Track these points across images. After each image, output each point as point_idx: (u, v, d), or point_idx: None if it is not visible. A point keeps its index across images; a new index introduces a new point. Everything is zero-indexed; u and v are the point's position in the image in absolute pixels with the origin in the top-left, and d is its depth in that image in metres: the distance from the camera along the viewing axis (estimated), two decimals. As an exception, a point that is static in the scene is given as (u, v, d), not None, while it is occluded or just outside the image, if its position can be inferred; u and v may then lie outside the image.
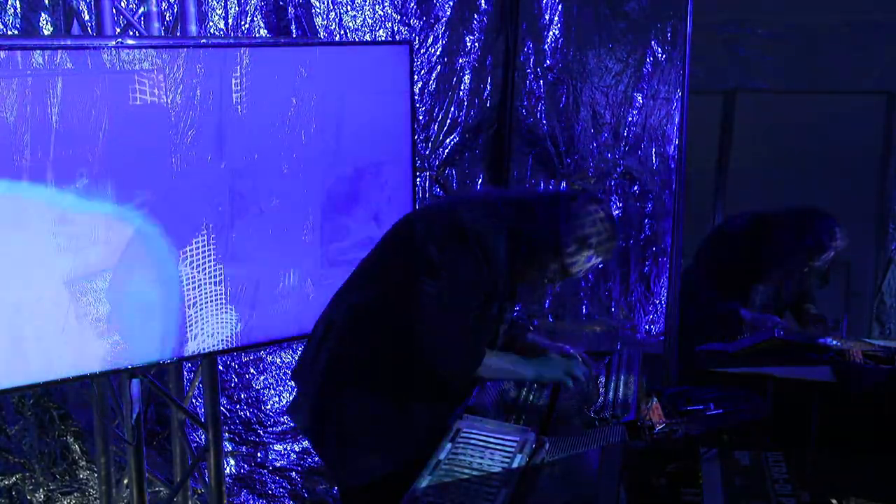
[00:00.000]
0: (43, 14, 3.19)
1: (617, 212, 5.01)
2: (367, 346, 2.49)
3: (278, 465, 4.02)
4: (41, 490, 3.53)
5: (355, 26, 3.96)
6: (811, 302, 3.88)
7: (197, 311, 3.10)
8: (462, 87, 4.42)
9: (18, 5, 3.15)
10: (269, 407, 3.97)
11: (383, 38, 4.02)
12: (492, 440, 2.24)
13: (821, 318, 3.69)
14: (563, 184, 4.77)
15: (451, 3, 4.29)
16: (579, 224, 2.44)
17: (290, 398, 3.93)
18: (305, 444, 4.00)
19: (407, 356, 2.42)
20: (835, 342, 3.17)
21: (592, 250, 2.48)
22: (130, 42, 2.87)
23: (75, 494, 3.61)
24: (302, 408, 2.61)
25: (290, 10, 3.76)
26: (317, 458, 4.02)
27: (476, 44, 4.43)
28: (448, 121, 4.39)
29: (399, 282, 2.43)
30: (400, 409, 2.48)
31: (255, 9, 3.68)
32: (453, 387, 2.49)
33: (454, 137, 4.44)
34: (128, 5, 3.20)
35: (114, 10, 3.03)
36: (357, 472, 2.50)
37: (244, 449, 3.96)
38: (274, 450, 4.01)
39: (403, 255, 2.46)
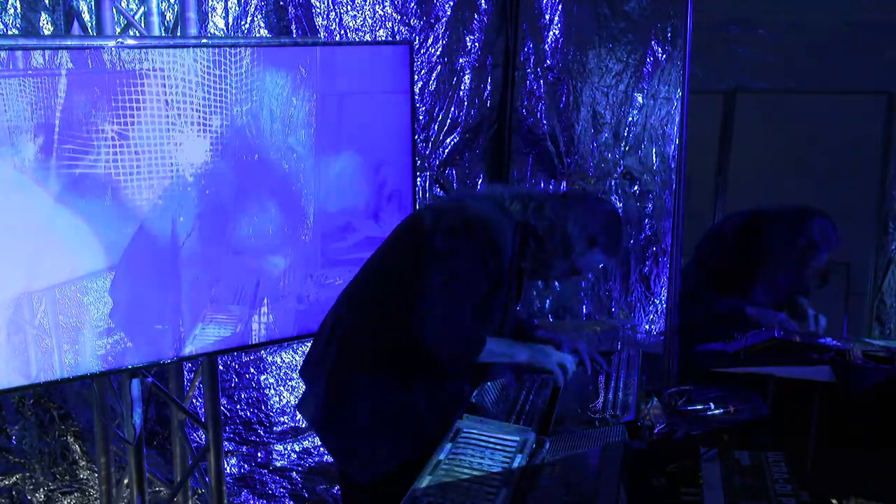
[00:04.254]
0: (43, 14, 3.19)
1: (617, 212, 5.01)
2: (375, 340, 2.50)
3: (279, 465, 4.03)
4: (41, 490, 3.53)
5: (355, 26, 3.96)
6: (806, 296, 3.86)
7: (197, 311, 3.10)
8: (462, 87, 4.42)
9: (18, 5, 3.15)
10: (269, 407, 3.97)
11: (383, 38, 4.02)
12: (492, 440, 2.24)
13: (804, 312, 3.67)
14: (564, 184, 4.77)
15: (451, 3, 4.29)
16: (589, 223, 2.46)
17: (291, 398, 3.95)
18: (306, 444, 4.01)
19: (414, 350, 2.42)
20: (835, 342, 3.17)
21: (601, 249, 2.49)
22: (131, 42, 2.87)
23: (75, 494, 3.61)
24: (311, 403, 2.62)
25: (290, 10, 3.76)
26: (317, 458, 4.03)
27: (476, 44, 4.43)
28: (448, 121, 4.39)
29: (406, 276, 2.43)
30: (408, 403, 2.49)
31: (255, 9, 3.68)
32: (452, 372, 2.49)
33: (454, 137, 4.44)
34: (128, 5, 3.20)
35: (114, 10, 3.03)
36: (366, 466, 2.50)
37: (244, 449, 3.96)
38: (274, 450, 4.02)
39: (411, 250, 2.47)
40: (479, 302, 2.45)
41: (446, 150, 4.42)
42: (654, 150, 5.08)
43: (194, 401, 3.67)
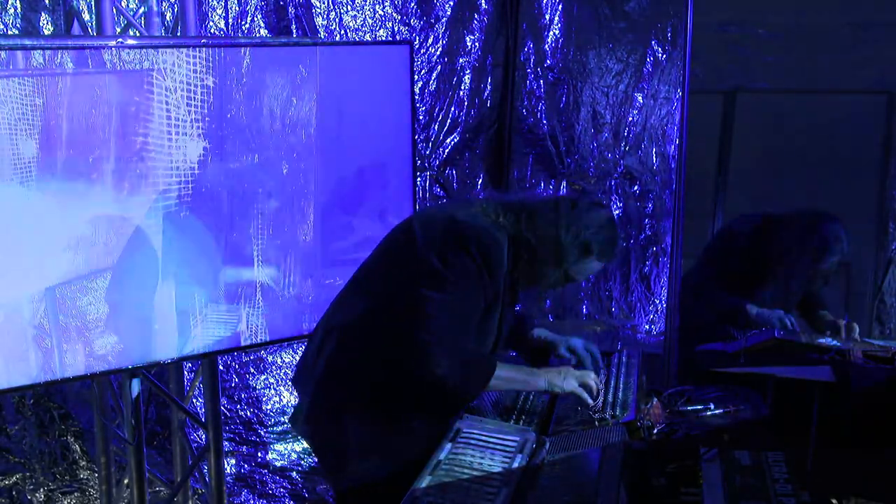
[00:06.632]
0: (43, 14, 3.19)
1: (617, 212, 5.01)
2: (365, 353, 2.46)
3: (279, 464, 4.03)
4: (41, 490, 3.53)
5: (355, 26, 3.96)
6: (824, 308, 3.88)
7: (197, 311, 3.10)
8: (462, 87, 4.42)
9: (18, 5, 3.15)
10: (269, 407, 3.97)
11: (384, 38, 4.02)
12: (492, 440, 2.24)
13: (836, 326, 3.69)
14: (564, 184, 4.77)
15: (451, 3, 4.29)
16: (580, 230, 2.41)
17: (291, 398, 3.95)
18: (306, 444, 4.00)
19: (406, 365, 2.39)
20: (835, 342, 3.17)
21: (594, 256, 2.46)
22: (131, 42, 2.87)
23: (75, 494, 3.61)
24: (302, 415, 2.60)
25: (290, 10, 3.76)
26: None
27: (476, 44, 4.43)
28: (448, 121, 4.39)
29: (398, 290, 2.39)
30: (399, 417, 2.45)
31: (255, 9, 3.68)
32: (462, 397, 2.46)
33: (454, 137, 4.44)
34: (128, 5, 3.21)
35: (114, 10, 3.03)
36: (355, 480, 2.48)
37: (244, 449, 3.96)
38: (274, 450, 4.02)
39: (402, 262, 2.43)
40: (477, 320, 2.41)
41: (446, 150, 4.42)
42: (654, 150, 5.08)
43: (194, 401, 3.67)
